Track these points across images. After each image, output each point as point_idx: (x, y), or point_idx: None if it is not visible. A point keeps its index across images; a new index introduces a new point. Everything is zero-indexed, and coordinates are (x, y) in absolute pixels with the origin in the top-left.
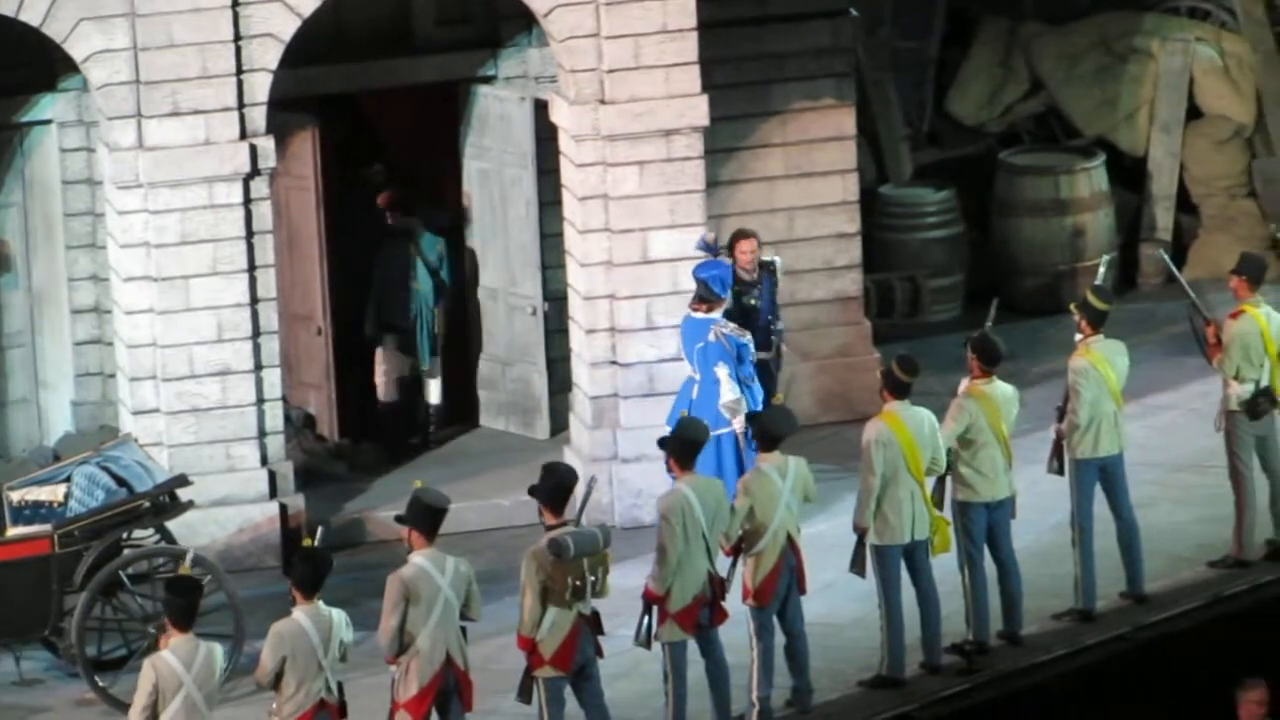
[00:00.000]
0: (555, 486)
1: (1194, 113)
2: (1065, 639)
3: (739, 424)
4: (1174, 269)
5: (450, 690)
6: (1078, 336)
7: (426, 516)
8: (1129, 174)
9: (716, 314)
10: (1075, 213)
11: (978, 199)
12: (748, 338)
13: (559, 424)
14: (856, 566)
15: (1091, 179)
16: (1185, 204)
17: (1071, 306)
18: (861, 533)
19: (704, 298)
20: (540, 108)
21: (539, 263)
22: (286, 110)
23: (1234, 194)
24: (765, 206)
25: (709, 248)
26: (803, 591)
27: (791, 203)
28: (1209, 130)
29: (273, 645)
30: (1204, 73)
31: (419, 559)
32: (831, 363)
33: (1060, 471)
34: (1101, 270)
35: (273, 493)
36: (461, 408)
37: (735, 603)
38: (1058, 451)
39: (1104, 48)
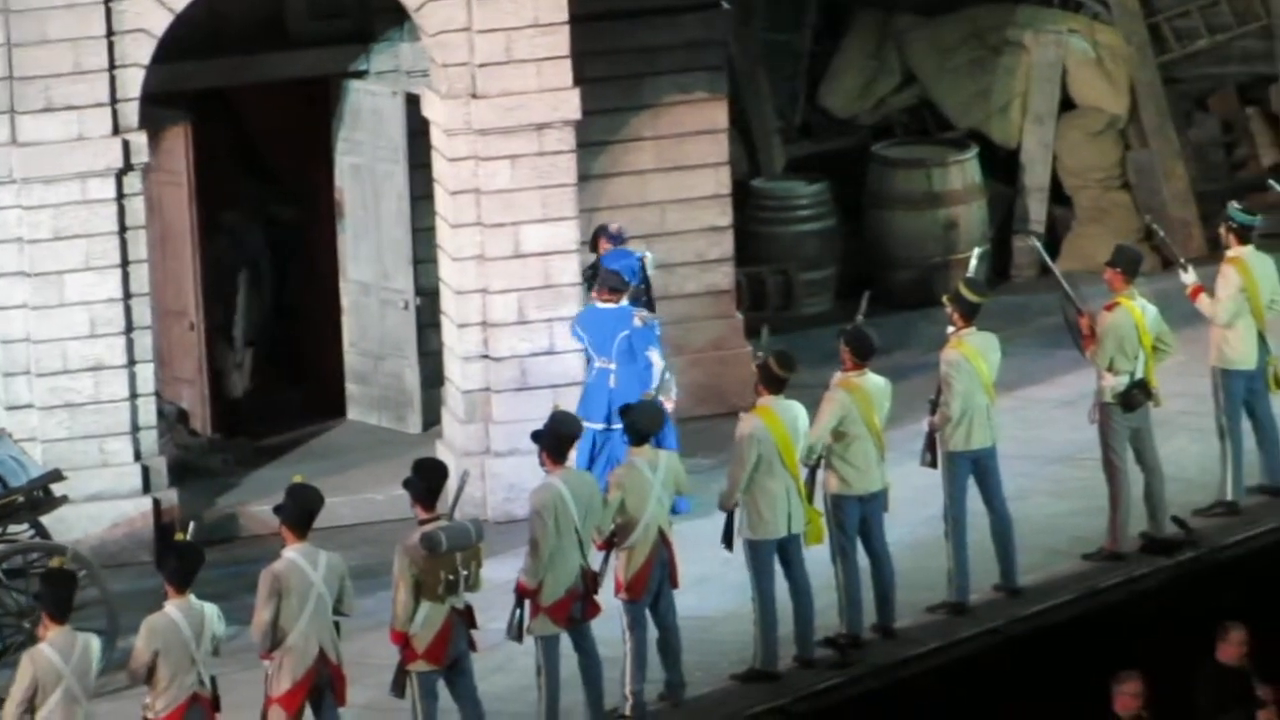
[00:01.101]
0: (428, 481)
1: (1067, 105)
2: (939, 632)
3: (671, 405)
4: (1046, 258)
5: (324, 685)
6: (950, 329)
7: (300, 512)
8: (1003, 166)
9: (625, 303)
10: (948, 205)
11: (851, 192)
12: (658, 319)
13: (431, 418)
14: (727, 539)
15: (964, 171)
16: (1059, 196)
17: (944, 299)
18: (729, 510)
19: (616, 287)
20: (412, 102)
21: (411, 257)
22: (159, 105)
23: (1108, 186)
24: (637, 200)
25: (616, 236)
26: (675, 585)
27: (663, 196)
28: (1082, 122)
29: (145, 639)
30: (1077, 65)
31: (291, 553)
32: (704, 356)
33: (933, 464)
34: (974, 263)
35: (146, 488)
36: (329, 402)
37: (608, 596)
38: (931, 444)
39: (977, 40)
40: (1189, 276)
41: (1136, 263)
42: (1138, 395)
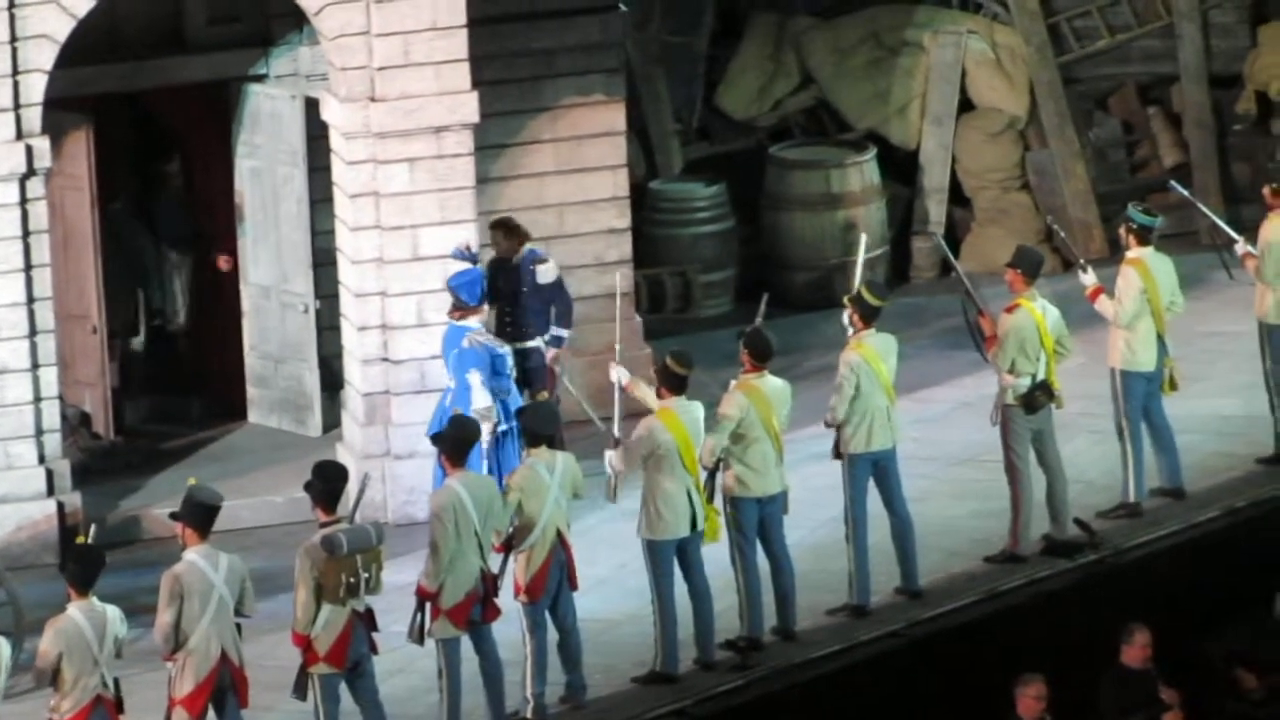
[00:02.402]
0: (328, 484)
1: (967, 106)
2: (839, 635)
3: (487, 430)
4: (949, 255)
5: (226, 686)
6: (850, 330)
7: (200, 513)
8: (901, 167)
9: (472, 321)
10: (846, 206)
11: (749, 194)
12: (506, 350)
13: (331, 421)
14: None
15: (863, 172)
16: (958, 197)
17: (845, 300)
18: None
19: (456, 305)
20: (311, 105)
21: (310, 260)
22: (61, 109)
23: (1007, 187)
24: (536, 202)
25: (465, 255)
26: (574, 587)
27: (562, 199)
28: (981, 123)
29: (49, 641)
30: (976, 65)
31: (193, 555)
32: (603, 358)
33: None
34: (861, 255)
35: (50, 490)
36: (230, 405)
37: (507, 599)
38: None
39: (875, 41)
40: (1089, 278)
41: (1037, 264)
42: (1040, 397)
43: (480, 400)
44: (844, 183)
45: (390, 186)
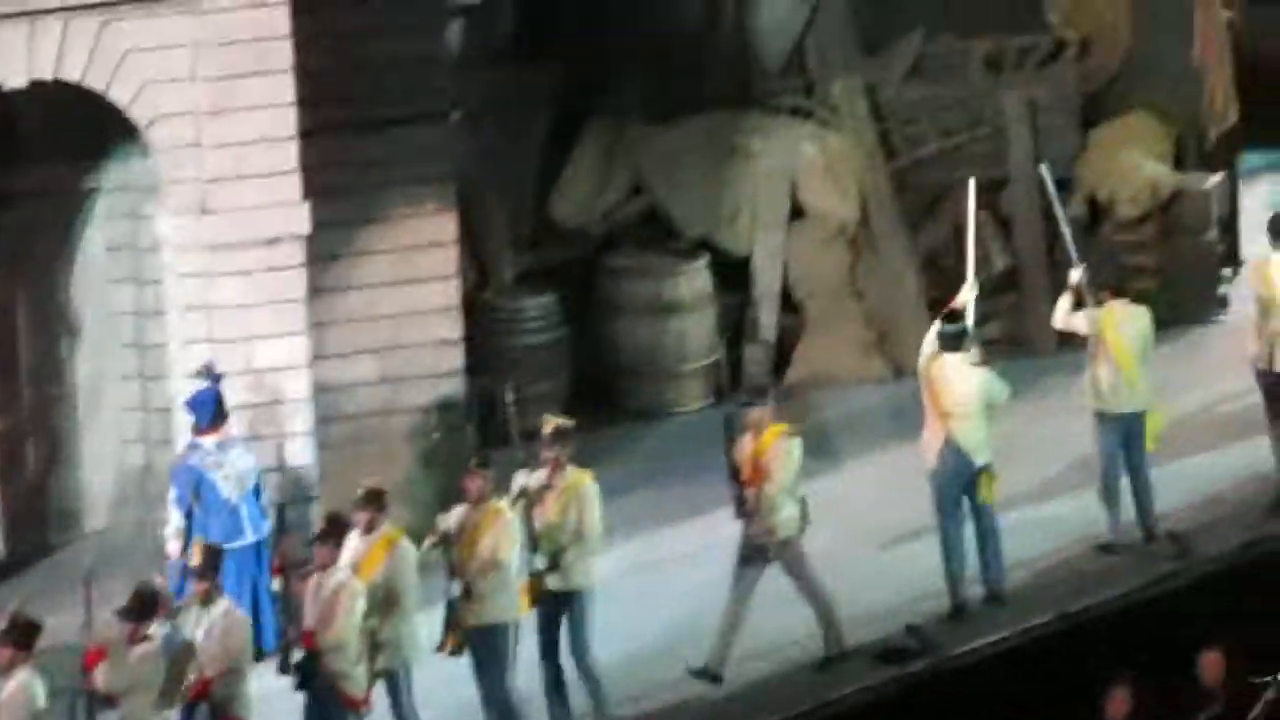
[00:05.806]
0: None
1: (799, 212)
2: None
3: (175, 549)
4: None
5: None
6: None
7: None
8: (736, 273)
9: (208, 440)
10: (678, 314)
11: (583, 302)
12: (229, 476)
13: None
14: None
15: (693, 280)
16: (789, 304)
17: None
18: None
19: (194, 425)
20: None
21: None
22: None
23: (838, 295)
24: (369, 314)
25: (205, 375)
26: None
27: (395, 309)
28: (812, 230)
29: None
30: (806, 172)
31: None
32: (432, 471)
33: None
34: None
35: None
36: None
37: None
38: None
39: (706, 147)
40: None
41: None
42: None
43: (171, 520)
44: (675, 290)
45: (222, 299)
